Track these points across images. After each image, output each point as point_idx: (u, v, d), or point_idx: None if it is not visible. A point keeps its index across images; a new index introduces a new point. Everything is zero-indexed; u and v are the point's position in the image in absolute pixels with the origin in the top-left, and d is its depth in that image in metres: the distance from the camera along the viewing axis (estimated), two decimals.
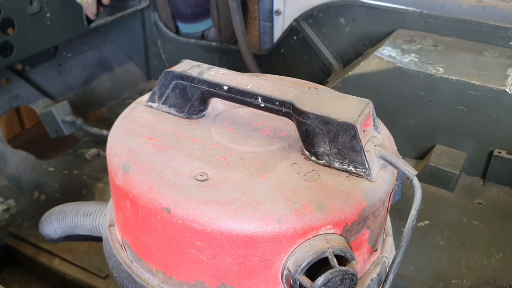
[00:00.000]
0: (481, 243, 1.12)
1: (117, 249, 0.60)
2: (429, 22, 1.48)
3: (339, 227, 0.47)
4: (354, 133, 0.49)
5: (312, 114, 0.50)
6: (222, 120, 0.61)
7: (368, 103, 0.52)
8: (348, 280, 0.45)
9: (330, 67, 1.75)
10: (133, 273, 0.55)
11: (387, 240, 0.62)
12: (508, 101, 1.21)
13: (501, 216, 1.20)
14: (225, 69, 0.59)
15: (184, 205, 0.46)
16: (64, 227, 0.82)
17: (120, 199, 0.53)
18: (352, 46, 1.68)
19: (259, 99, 0.54)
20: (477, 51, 1.37)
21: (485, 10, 1.46)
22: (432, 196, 1.27)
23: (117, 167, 0.53)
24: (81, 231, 0.80)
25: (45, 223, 0.86)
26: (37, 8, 1.38)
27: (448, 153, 1.33)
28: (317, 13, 1.70)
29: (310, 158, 0.54)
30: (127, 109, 0.64)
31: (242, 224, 0.45)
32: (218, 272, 0.48)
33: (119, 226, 0.58)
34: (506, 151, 1.28)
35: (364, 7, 1.59)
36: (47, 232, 0.86)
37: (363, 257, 0.54)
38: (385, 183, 0.52)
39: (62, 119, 1.61)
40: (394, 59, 1.34)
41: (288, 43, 1.82)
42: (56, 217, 0.82)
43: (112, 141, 0.58)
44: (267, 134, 0.58)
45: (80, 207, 0.78)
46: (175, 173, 0.50)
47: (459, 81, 1.25)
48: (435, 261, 1.08)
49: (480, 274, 1.04)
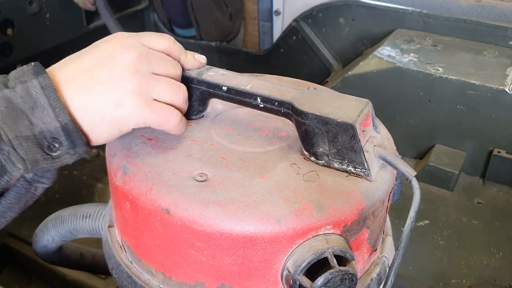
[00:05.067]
0: (480, 243, 1.12)
1: (117, 250, 0.60)
2: (428, 22, 1.49)
3: (338, 227, 0.47)
4: (353, 133, 0.49)
5: (311, 114, 0.50)
6: (222, 121, 0.61)
7: (368, 103, 0.52)
8: (348, 280, 0.45)
9: (329, 67, 1.75)
10: (133, 274, 0.55)
11: (387, 240, 0.62)
12: (508, 100, 1.21)
13: (501, 216, 1.20)
14: (224, 69, 0.59)
15: (183, 206, 0.46)
16: (63, 232, 0.79)
17: (119, 200, 0.53)
18: (352, 46, 1.68)
19: (258, 100, 0.54)
20: (477, 50, 1.37)
21: (484, 9, 1.47)
22: (432, 195, 1.27)
23: (116, 168, 0.53)
24: (80, 234, 0.79)
25: (40, 234, 0.83)
26: (37, 8, 1.38)
27: (447, 153, 1.33)
28: (317, 13, 1.70)
29: (309, 158, 0.54)
30: None
31: (241, 225, 0.45)
32: (218, 273, 0.48)
33: (119, 227, 0.58)
34: (505, 150, 1.28)
35: (364, 7, 1.59)
36: (44, 243, 0.83)
37: (363, 257, 0.54)
38: (384, 183, 0.52)
39: None
40: (394, 59, 1.35)
41: (287, 43, 1.83)
42: (53, 224, 0.80)
43: (111, 141, 0.58)
44: (266, 134, 0.58)
45: (78, 210, 0.77)
46: (175, 174, 0.50)
47: (459, 80, 1.25)
48: (435, 261, 1.08)
49: (480, 274, 1.04)
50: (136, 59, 0.49)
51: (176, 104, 0.52)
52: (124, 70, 0.48)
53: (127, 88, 0.47)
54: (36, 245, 0.85)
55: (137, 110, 0.47)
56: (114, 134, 0.49)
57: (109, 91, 0.47)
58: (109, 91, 0.47)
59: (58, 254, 0.89)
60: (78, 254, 0.93)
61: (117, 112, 0.47)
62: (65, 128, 0.45)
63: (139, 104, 0.47)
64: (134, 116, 0.48)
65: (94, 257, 0.93)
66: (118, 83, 0.47)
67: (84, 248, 0.93)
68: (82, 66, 0.48)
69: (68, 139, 0.45)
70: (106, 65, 0.48)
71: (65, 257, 0.91)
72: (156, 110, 0.49)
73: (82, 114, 0.46)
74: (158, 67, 0.51)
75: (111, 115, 0.47)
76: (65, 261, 0.92)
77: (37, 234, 0.84)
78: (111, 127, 0.48)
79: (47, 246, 0.84)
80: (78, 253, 0.93)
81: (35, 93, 0.44)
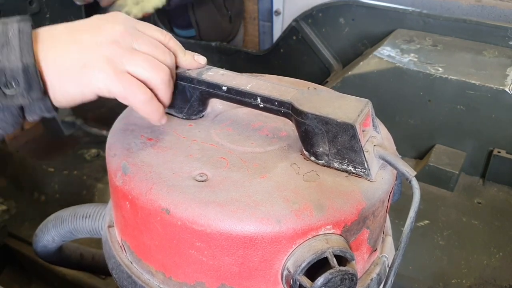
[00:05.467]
0: (480, 243, 1.12)
1: (117, 250, 0.60)
2: (428, 22, 1.49)
3: (338, 227, 0.47)
4: (353, 133, 0.49)
5: (311, 114, 0.50)
6: (221, 121, 0.61)
7: (367, 103, 0.52)
8: (348, 280, 0.45)
9: (329, 67, 1.75)
10: (133, 274, 0.55)
11: (387, 240, 0.62)
12: (508, 100, 1.21)
13: (501, 216, 1.20)
14: (224, 69, 0.59)
15: (183, 206, 0.46)
16: (63, 232, 0.80)
17: (119, 200, 0.53)
18: (352, 46, 1.68)
19: (258, 100, 0.54)
20: (477, 50, 1.37)
21: (484, 9, 1.47)
22: (432, 195, 1.27)
23: (116, 168, 0.53)
24: (80, 234, 0.79)
25: (40, 234, 0.83)
26: (37, 8, 1.38)
27: (447, 153, 1.33)
28: (317, 13, 1.70)
29: (309, 158, 0.54)
30: (127, 109, 0.64)
31: (241, 225, 0.45)
32: (218, 273, 0.48)
33: (119, 227, 0.58)
34: (505, 150, 1.28)
35: (364, 7, 1.59)
36: (44, 243, 0.83)
37: (363, 257, 0.54)
38: (384, 183, 0.52)
39: (62, 119, 1.61)
40: (394, 59, 1.35)
41: (287, 43, 1.83)
42: (53, 224, 0.80)
43: (111, 141, 0.58)
44: (266, 134, 0.59)
45: (78, 210, 0.77)
46: (175, 174, 0.50)
47: (459, 80, 1.25)
48: (435, 261, 1.08)
49: (480, 274, 1.04)
50: (121, 33, 0.50)
51: (153, 84, 0.51)
52: (104, 38, 0.49)
53: (100, 53, 0.48)
54: (36, 245, 0.85)
55: (103, 76, 0.48)
56: (76, 96, 0.49)
57: (83, 52, 0.48)
58: (83, 52, 0.48)
59: (58, 254, 0.89)
60: (78, 254, 0.93)
61: (82, 72, 0.47)
62: (26, 70, 0.45)
63: (107, 71, 0.48)
64: (99, 81, 0.48)
65: (94, 257, 0.93)
66: (94, 47, 0.48)
67: (84, 248, 0.93)
68: (68, 28, 0.50)
69: (25, 81, 0.46)
70: (89, 31, 0.49)
71: (65, 257, 0.91)
72: (123, 81, 0.48)
73: (49, 65, 0.47)
74: (142, 46, 0.51)
75: (76, 74, 0.48)
76: (65, 261, 0.92)
77: (37, 234, 0.84)
78: (74, 87, 0.48)
79: (47, 246, 0.84)
80: (78, 253, 0.93)
81: (11, 34, 0.46)
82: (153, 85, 0.51)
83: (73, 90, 0.48)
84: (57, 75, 0.47)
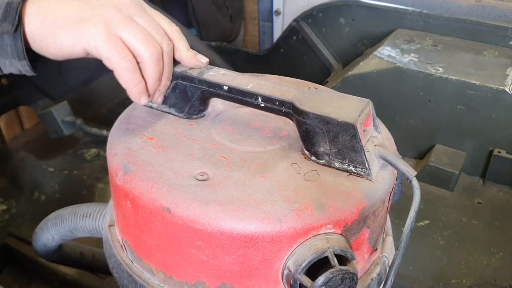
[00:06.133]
0: (481, 243, 1.12)
1: (117, 249, 0.60)
2: (428, 22, 1.49)
3: (339, 227, 0.47)
4: (354, 133, 0.49)
5: (312, 113, 0.50)
6: (222, 120, 0.61)
7: (368, 102, 0.52)
8: (348, 280, 0.45)
9: (329, 67, 1.75)
10: (133, 273, 0.55)
11: (387, 239, 0.62)
12: (508, 100, 1.21)
13: (501, 216, 1.20)
14: (225, 69, 0.59)
15: (184, 205, 0.46)
16: (63, 231, 0.80)
17: (120, 199, 0.53)
18: (352, 46, 1.68)
19: (259, 99, 0.54)
20: (477, 50, 1.37)
21: (485, 9, 1.47)
22: (432, 195, 1.27)
23: (117, 167, 0.53)
24: (80, 233, 0.79)
25: (40, 232, 0.83)
26: None
27: (447, 153, 1.33)
28: (317, 13, 1.70)
29: (310, 157, 0.54)
30: (127, 109, 0.65)
31: (242, 224, 0.45)
32: (219, 272, 0.48)
33: (119, 226, 0.58)
34: (505, 150, 1.28)
35: (364, 7, 1.59)
36: (44, 241, 0.83)
37: (363, 257, 0.54)
38: (385, 183, 0.52)
39: (62, 119, 1.61)
40: (394, 59, 1.35)
41: (287, 43, 1.83)
42: (53, 222, 0.80)
43: (112, 141, 0.58)
44: (267, 134, 0.59)
45: (79, 209, 0.77)
46: (176, 173, 0.50)
47: (459, 80, 1.25)
48: (435, 261, 1.08)
49: (480, 274, 1.04)
50: (126, 3, 0.51)
51: (140, 56, 0.51)
52: (109, 2, 0.50)
53: (100, 13, 0.49)
54: (36, 243, 0.85)
55: (95, 32, 0.49)
56: (66, 47, 0.50)
57: (85, 8, 0.50)
58: (85, 8, 0.50)
59: (58, 252, 0.89)
60: (78, 253, 0.93)
61: (79, 25, 0.49)
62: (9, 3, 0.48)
63: (100, 29, 0.49)
64: (90, 38, 0.49)
65: (94, 256, 0.93)
66: (96, 7, 0.50)
67: (84, 247, 0.93)
68: None
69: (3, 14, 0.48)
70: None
71: (65, 256, 0.91)
72: (112, 43, 0.49)
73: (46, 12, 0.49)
74: (142, 21, 0.52)
75: (72, 25, 0.49)
76: (65, 259, 0.92)
77: (37, 232, 0.84)
78: (66, 37, 0.49)
79: (47, 244, 0.84)
80: (78, 252, 0.93)
81: None
82: (141, 58, 0.51)
83: (65, 40, 0.49)
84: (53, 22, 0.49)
